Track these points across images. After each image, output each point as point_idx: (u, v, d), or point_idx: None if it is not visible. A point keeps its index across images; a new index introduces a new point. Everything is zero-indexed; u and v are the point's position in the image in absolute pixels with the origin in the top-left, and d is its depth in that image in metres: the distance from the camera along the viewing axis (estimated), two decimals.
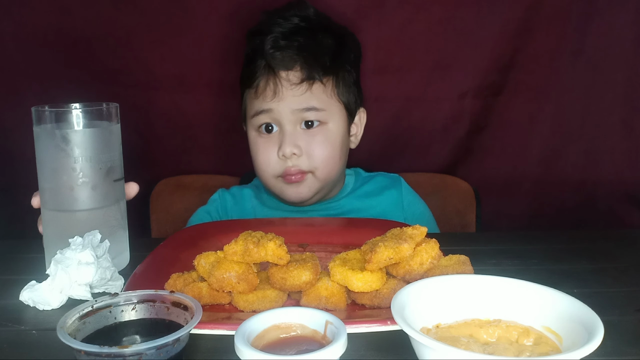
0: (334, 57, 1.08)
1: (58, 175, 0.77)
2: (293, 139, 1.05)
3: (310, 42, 1.07)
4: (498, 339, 0.55)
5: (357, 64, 1.16)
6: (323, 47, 1.08)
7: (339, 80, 1.09)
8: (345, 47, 1.12)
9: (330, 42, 1.10)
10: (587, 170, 1.34)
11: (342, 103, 1.10)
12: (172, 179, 1.39)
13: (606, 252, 0.89)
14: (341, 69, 1.09)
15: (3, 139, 1.31)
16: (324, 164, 1.08)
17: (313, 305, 0.66)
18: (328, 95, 1.08)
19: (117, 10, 1.25)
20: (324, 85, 1.07)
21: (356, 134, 1.17)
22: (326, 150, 1.07)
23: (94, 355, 0.50)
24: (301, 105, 1.05)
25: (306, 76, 1.05)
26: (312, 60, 1.05)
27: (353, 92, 1.12)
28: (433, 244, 0.68)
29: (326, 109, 1.07)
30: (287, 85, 1.05)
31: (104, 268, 0.74)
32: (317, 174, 1.08)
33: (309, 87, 1.05)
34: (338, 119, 1.09)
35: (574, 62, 1.28)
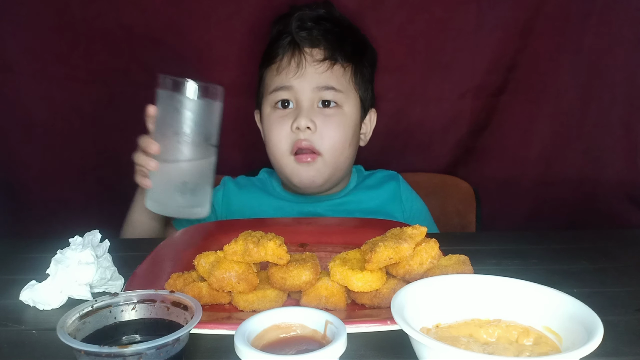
0: (355, 48, 1.13)
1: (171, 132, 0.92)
2: (309, 114, 1.07)
3: (335, 28, 1.12)
4: (498, 338, 0.55)
5: (373, 67, 1.20)
6: (346, 36, 1.13)
7: (358, 71, 1.13)
8: (366, 46, 1.18)
9: (352, 34, 1.15)
10: (586, 170, 1.34)
11: (358, 93, 1.14)
12: None
13: (606, 252, 0.89)
14: (360, 62, 1.14)
15: (4, 139, 1.31)
16: (334, 147, 1.09)
17: (313, 305, 0.66)
18: (347, 80, 1.12)
19: (116, 10, 1.25)
20: (343, 69, 1.11)
21: (365, 133, 1.19)
22: (338, 133, 1.10)
23: (94, 355, 0.50)
24: (321, 83, 1.09)
25: (329, 55, 1.09)
26: (335, 43, 1.10)
27: (368, 89, 1.16)
28: (433, 243, 0.68)
29: (344, 91, 1.10)
30: (311, 60, 1.09)
31: (104, 268, 0.74)
32: (327, 158, 1.09)
33: (330, 67, 1.09)
34: (353, 105, 1.13)
35: (573, 62, 1.28)
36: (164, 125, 0.94)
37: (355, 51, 1.13)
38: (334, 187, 1.19)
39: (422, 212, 1.21)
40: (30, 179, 1.35)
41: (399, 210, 1.17)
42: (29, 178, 1.34)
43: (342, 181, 1.19)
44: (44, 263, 0.74)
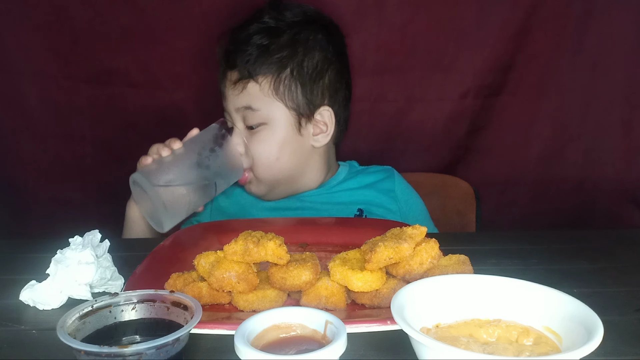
0: (277, 57, 1.09)
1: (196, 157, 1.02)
2: (236, 137, 1.10)
3: (257, 40, 1.09)
4: (498, 338, 0.55)
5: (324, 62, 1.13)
6: (267, 46, 1.09)
7: (280, 81, 1.09)
8: (299, 46, 1.11)
9: (280, 40, 1.10)
10: (586, 170, 1.34)
11: (285, 102, 1.09)
12: None
13: (606, 252, 0.89)
14: (284, 70, 1.09)
15: (3, 139, 1.31)
16: (259, 163, 1.10)
17: (313, 305, 0.66)
18: (265, 95, 1.09)
19: (116, 10, 1.25)
20: (259, 85, 1.09)
21: (324, 133, 1.14)
22: (263, 151, 1.10)
23: (93, 355, 0.50)
24: (239, 104, 1.10)
25: (241, 75, 1.09)
26: (250, 58, 1.08)
27: (305, 93, 1.11)
28: (433, 243, 0.68)
29: (262, 109, 1.09)
30: (229, 84, 1.11)
31: (104, 268, 0.74)
32: (256, 174, 1.11)
33: (244, 86, 1.09)
34: (280, 118, 1.10)
35: (573, 62, 1.28)
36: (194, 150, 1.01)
37: (274, 61, 1.09)
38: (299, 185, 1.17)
39: (418, 208, 1.20)
40: (30, 179, 1.35)
41: (393, 204, 1.17)
42: (29, 178, 1.35)
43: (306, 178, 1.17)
44: (44, 263, 0.74)
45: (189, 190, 0.98)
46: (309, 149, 1.14)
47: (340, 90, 1.16)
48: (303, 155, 1.14)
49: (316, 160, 1.17)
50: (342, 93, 1.17)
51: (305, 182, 1.17)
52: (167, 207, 0.94)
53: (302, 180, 1.17)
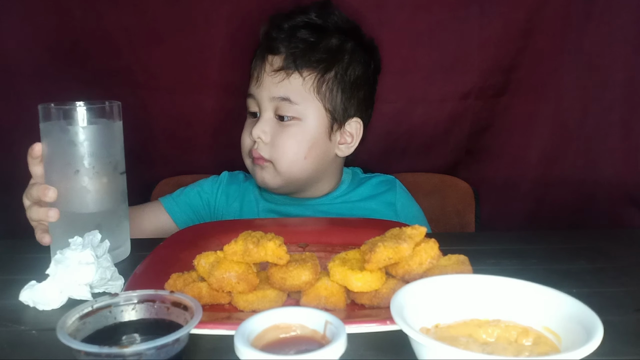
0: (325, 56, 1.09)
1: (70, 169, 0.81)
2: (264, 125, 1.08)
3: (304, 34, 1.09)
4: (497, 338, 0.55)
5: (364, 76, 1.15)
6: (316, 43, 1.09)
7: (324, 80, 1.09)
8: (346, 53, 1.12)
9: (330, 42, 1.10)
10: (586, 171, 1.34)
11: (323, 103, 1.09)
12: (172, 179, 1.39)
13: (606, 252, 0.89)
14: (329, 71, 1.09)
15: (3, 139, 1.31)
16: (284, 157, 1.08)
17: (313, 305, 0.66)
18: (306, 90, 1.08)
19: (117, 10, 1.25)
20: (303, 79, 1.07)
21: (348, 144, 1.15)
22: (291, 146, 1.08)
23: (93, 355, 0.50)
24: (276, 93, 1.07)
25: (286, 64, 1.07)
26: (297, 50, 1.07)
27: (343, 99, 1.11)
28: (432, 243, 0.68)
29: (300, 103, 1.07)
30: (269, 69, 1.08)
31: (104, 268, 0.74)
32: (277, 166, 1.09)
33: (286, 76, 1.07)
34: (314, 118, 1.09)
35: (574, 62, 1.28)
36: (59, 164, 0.82)
37: (323, 59, 1.08)
38: (311, 190, 1.17)
39: (417, 218, 1.19)
40: (30, 179, 1.35)
41: (393, 216, 1.16)
42: (29, 179, 1.34)
43: (318, 184, 1.17)
44: (44, 263, 0.74)
45: (110, 204, 0.85)
46: (332, 156, 1.14)
47: (370, 108, 1.19)
48: (326, 161, 1.14)
49: (333, 169, 1.17)
50: (370, 112, 1.20)
51: (317, 187, 1.17)
52: (114, 243, 0.81)
53: (316, 185, 1.17)
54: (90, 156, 0.81)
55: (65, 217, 0.83)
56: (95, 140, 0.82)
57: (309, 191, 1.17)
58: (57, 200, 0.83)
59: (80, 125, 0.81)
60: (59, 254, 0.74)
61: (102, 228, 0.81)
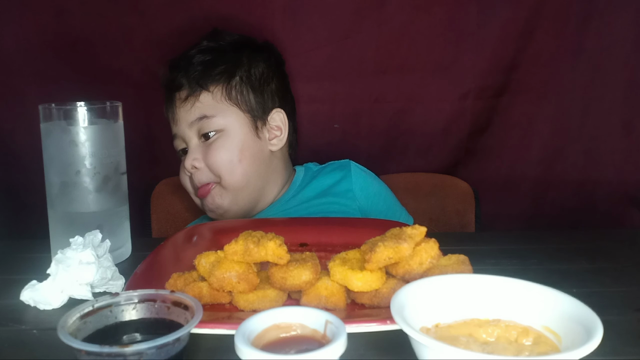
0: (224, 67, 1.12)
1: (71, 169, 0.81)
2: (193, 153, 1.10)
3: (199, 59, 1.12)
4: (497, 338, 0.55)
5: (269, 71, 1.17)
6: (212, 61, 1.12)
7: (231, 87, 1.12)
8: (244, 57, 1.14)
9: (225, 55, 1.13)
10: (587, 171, 1.34)
11: (239, 107, 1.12)
12: (172, 179, 1.39)
13: (606, 252, 0.89)
14: (233, 77, 1.12)
15: (3, 139, 1.31)
16: (224, 169, 1.09)
17: (313, 304, 0.66)
18: (218, 102, 1.11)
19: (116, 10, 1.25)
20: (211, 94, 1.11)
21: (278, 137, 1.16)
22: (224, 156, 1.09)
23: (94, 354, 0.50)
24: (192, 117, 1.10)
25: (191, 90, 1.11)
26: (197, 73, 1.11)
27: (257, 97, 1.13)
28: (432, 243, 0.69)
29: (217, 115, 1.10)
30: (179, 103, 1.12)
31: (104, 267, 0.74)
32: (223, 182, 1.10)
33: (196, 99, 1.10)
34: (236, 123, 1.11)
35: (574, 63, 1.28)
36: (60, 164, 0.82)
37: (223, 70, 1.12)
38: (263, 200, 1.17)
39: (380, 194, 1.19)
40: (31, 179, 1.34)
41: (352, 203, 1.15)
42: (29, 178, 1.35)
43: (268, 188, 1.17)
44: (44, 263, 0.74)
45: (112, 205, 0.85)
46: (267, 153, 1.15)
47: (287, 96, 1.20)
48: (264, 161, 1.14)
49: (276, 165, 1.17)
50: (289, 100, 1.21)
51: (267, 192, 1.17)
52: (115, 243, 0.82)
53: (265, 190, 1.16)
54: (91, 156, 0.81)
55: (66, 217, 0.83)
56: (96, 141, 0.82)
57: (260, 203, 1.17)
58: (58, 200, 0.83)
59: (81, 125, 0.81)
60: (59, 253, 0.74)
61: (103, 228, 0.81)
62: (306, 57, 1.26)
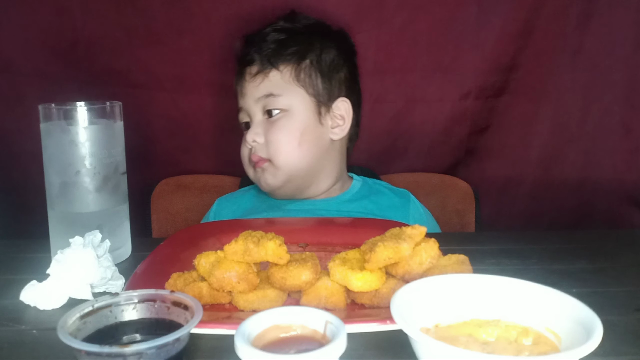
0: (296, 48, 1.13)
1: (71, 169, 0.81)
2: (255, 128, 1.12)
3: (273, 37, 1.14)
4: (497, 338, 0.55)
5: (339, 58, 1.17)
6: (286, 40, 1.14)
7: (300, 69, 1.13)
8: (316, 42, 1.15)
9: (299, 36, 1.15)
10: (586, 171, 1.34)
11: (306, 89, 1.13)
12: (172, 179, 1.39)
13: (606, 252, 0.89)
14: (303, 59, 1.13)
15: (3, 139, 1.31)
16: (279, 150, 1.10)
17: (313, 304, 0.66)
18: (286, 82, 1.12)
19: (116, 10, 1.25)
20: (280, 73, 1.12)
21: (341, 127, 1.16)
22: (285, 136, 1.10)
23: (94, 354, 0.50)
24: (259, 94, 1.12)
25: (261, 67, 1.12)
26: (269, 50, 1.12)
27: (324, 82, 1.14)
28: (432, 243, 0.69)
29: (283, 94, 1.11)
30: (248, 78, 1.14)
31: (104, 267, 0.74)
32: (275, 162, 1.11)
33: (265, 76, 1.12)
34: (301, 105, 1.12)
35: (573, 63, 1.28)
36: (60, 164, 0.82)
37: (294, 52, 1.13)
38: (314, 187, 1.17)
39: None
40: (31, 179, 1.35)
41: None
42: (29, 178, 1.35)
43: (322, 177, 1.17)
44: (44, 263, 0.74)
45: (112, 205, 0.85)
46: (327, 141, 1.16)
47: (355, 88, 1.21)
48: (322, 147, 1.15)
49: (333, 156, 1.17)
50: (356, 92, 1.21)
51: (320, 179, 1.17)
52: (115, 243, 0.82)
53: (319, 177, 1.17)
54: (91, 156, 0.81)
55: (66, 217, 0.83)
56: (96, 141, 0.82)
57: (312, 188, 1.17)
58: (58, 200, 0.83)
59: (81, 125, 0.81)
60: (59, 253, 0.74)
61: (103, 228, 0.81)
62: None
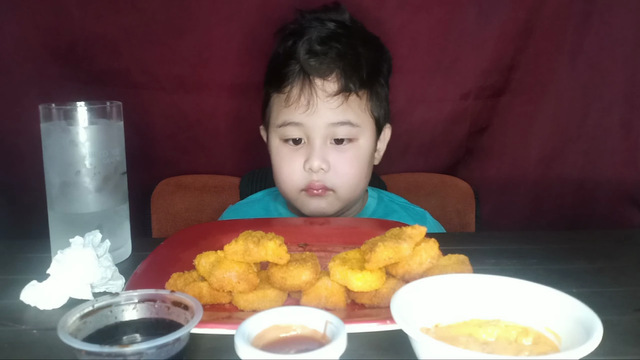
0: (371, 69, 1.03)
1: (71, 169, 0.81)
2: (322, 153, 1.00)
3: (348, 50, 1.01)
4: (497, 338, 0.55)
5: (388, 77, 1.12)
6: (360, 57, 1.02)
7: (373, 94, 1.04)
8: (381, 59, 1.09)
9: (367, 52, 1.05)
10: (586, 170, 1.34)
11: (374, 119, 1.05)
12: (172, 179, 1.39)
13: (606, 252, 0.89)
14: (376, 82, 1.05)
15: (3, 139, 1.31)
16: (348, 182, 1.03)
17: (313, 304, 0.66)
18: (362, 110, 1.03)
19: (116, 10, 1.25)
20: (359, 99, 1.01)
21: (379, 150, 1.12)
22: (354, 169, 1.03)
23: (94, 354, 0.50)
24: (337, 119, 0.99)
25: (343, 87, 0.99)
26: (350, 70, 1.00)
27: (384, 108, 1.08)
28: (432, 243, 0.69)
29: (360, 124, 1.02)
30: (323, 95, 0.99)
31: (104, 267, 0.74)
32: (340, 193, 1.03)
33: (344, 99, 1.00)
34: (369, 135, 1.05)
35: (573, 62, 1.28)
36: (60, 164, 0.82)
37: (370, 73, 1.03)
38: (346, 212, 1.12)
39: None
40: (31, 179, 1.35)
41: None
42: (29, 179, 1.35)
43: (356, 204, 1.13)
44: (44, 263, 0.74)
45: (112, 205, 0.84)
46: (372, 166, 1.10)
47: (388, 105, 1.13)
48: (370, 174, 1.10)
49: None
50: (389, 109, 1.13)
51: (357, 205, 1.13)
52: (115, 243, 0.82)
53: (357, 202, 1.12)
54: (91, 156, 0.81)
55: (66, 217, 0.83)
56: (97, 141, 0.82)
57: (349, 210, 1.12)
58: (58, 201, 0.83)
59: (82, 125, 0.81)
60: (59, 253, 0.74)
61: (103, 228, 0.81)
62: None
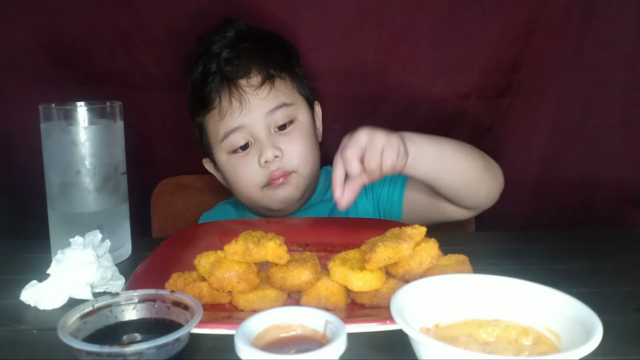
0: (283, 54, 1.11)
1: (71, 169, 0.81)
2: (271, 142, 1.05)
3: (257, 45, 1.10)
4: (497, 338, 0.55)
5: (299, 60, 1.18)
6: (271, 47, 1.11)
7: (294, 75, 1.12)
8: (286, 44, 1.15)
9: (273, 42, 1.13)
10: (587, 171, 1.34)
11: (303, 96, 1.13)
12: (172, 179, 1.39)
13: (606, 252, 0.89)
14: (293, 64, 1.13)
15: (3, 139, 1.31)
16: (305, 157, 1.08)
17: (313, 304, 0.66)
18: (290, 90, 1.10)
19: (114, 11, 1.24)
20: (284, 81, 1.09)
21: (318, 128, 1.18)
22: (305, 144, 1.09)
23: (94, 354, 0.50)
24: (271, 105, 1.05)
25: (266, 76, 1.06)
26: (266, 59, 1.08)
27: (307, 85, 1.15)
28: (432, 243, 0.69)
29: (294, 102, 1.09)
30: (251, 91, 1.05)
31: (104, 267, 0.74)
32: (301, 171, 1.08)
33: (271, 86, 1.07)
34: (304, 111, 1.12)
35: (574, 63, 1.28)
36: (60, 164, 0.82)
37: (284, 58, 1.10)
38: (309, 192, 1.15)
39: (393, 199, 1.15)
40: (31, 179, 1.34)
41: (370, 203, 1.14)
42: (29, 179, 1.35)
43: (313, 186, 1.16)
44: (44, 263, 0.75)
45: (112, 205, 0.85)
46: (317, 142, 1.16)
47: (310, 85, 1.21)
48: (319, 150, 1.15)
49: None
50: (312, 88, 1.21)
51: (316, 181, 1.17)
52: (115, 243, 0.83)
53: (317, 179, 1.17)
54: (91, 156, 0.82)
55: (66, 217, 0.83)
56: (97, 141, 0.82)
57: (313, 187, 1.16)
58: (58, 200, 0.83)
59: (81, 125, 0.81)
60: (59, 253, 0.74)
61: (103, 228, 0.81)
62: (306, 57, 1.26)
